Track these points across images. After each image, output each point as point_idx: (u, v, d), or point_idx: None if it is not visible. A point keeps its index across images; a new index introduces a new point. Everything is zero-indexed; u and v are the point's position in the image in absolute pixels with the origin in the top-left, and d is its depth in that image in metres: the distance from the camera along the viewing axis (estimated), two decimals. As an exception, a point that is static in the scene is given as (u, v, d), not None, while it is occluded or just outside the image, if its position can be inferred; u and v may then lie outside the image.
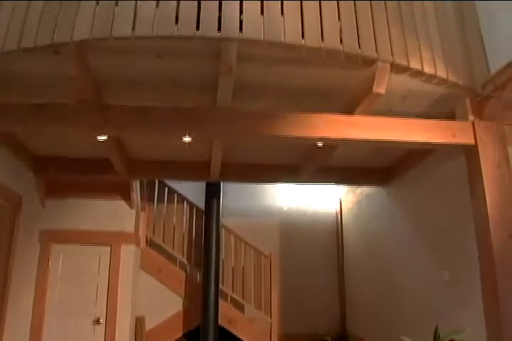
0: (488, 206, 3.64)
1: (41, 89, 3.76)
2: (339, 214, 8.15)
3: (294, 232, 8.20)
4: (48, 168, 5.48)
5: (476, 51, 4.01)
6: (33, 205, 5.75)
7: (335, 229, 8.23)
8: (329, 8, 3.55)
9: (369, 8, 3.68)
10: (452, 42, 3.94)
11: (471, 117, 3.93)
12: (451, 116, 4.08)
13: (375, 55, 3.52)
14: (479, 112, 3.96)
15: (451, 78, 3.78)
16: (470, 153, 3.90)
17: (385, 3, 3.74)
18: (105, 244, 6.23)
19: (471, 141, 3.85)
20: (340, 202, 8.18)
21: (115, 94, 3.88)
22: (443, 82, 3.78)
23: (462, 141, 3.86)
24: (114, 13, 3.31)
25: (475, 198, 3.82)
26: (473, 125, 3.89)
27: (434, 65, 3.73)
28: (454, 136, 3.87)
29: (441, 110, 4.13)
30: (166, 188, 7.56)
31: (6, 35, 3.36)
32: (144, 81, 3.71)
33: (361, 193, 7.13)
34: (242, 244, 7.48)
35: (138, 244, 6.71)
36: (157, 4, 3.32)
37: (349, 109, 3.87)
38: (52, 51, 3.32)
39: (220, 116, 3.74)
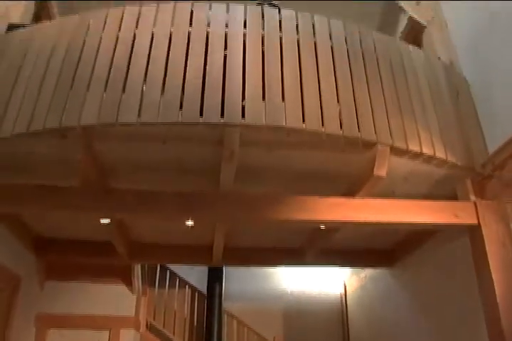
0: (495, 287, 3.56)
1: (46, 172, 3.82)
2: (344, 297, 7.98)
3: (299, 315, 8.02)
4: (49, 249, 5.44)
5: (473, 130, 4.10)
6: (31, 287, 5.66)
7: (340, 312, 8.03)
8: (328, 92, 3.66)
9: (367, 91, 3.80)
10: (449, 122, 4.04)
11: (472, 197, 3.94)
12: (453, 196, 4.09)
13: (375, 139, 3.59)
14: (480, 192, 3.98)
15: (450, 159, 3.84)
16: (473, 233, 3.88)
17: (381, 86, 3.87)
18: (104, 329, 6.07)
19: (473, 221, 3.84)
20: (345, 285, 8.03)
21: (119, 177, 3.92)
22: (442, 163, 3.84)
23: (465, 222, 3.85)
24: (120, 99, 3.42)
25: (481, 278, 3.75)
26: (475, 205, 3.89)
27: (433, 146, 3.80)
28: (456, 217, 3.85)
29: (443, 190, 4.16)
30: (168, 272, 7.48)
31: (17, 119, 3.46)
32: (148, 165, 3.77)
33: (365, 276, 7.02)
34: (245, 329, 7.29)
35: (137, 329, 6.54)
36: (162, 91, 3.44)
37: (351, 192, 3.90)
38: (59, 135, 3.41)
39: (222, 200, 3.77)
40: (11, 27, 4.42)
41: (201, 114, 3.33)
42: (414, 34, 5.48)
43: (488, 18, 4.24)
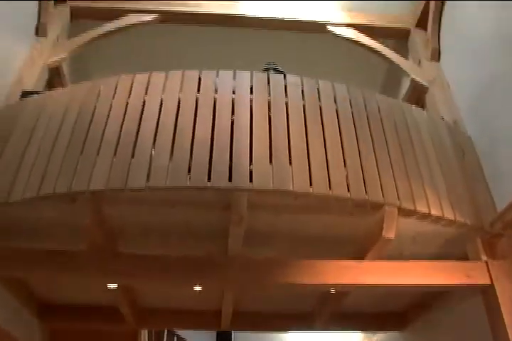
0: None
1: (53, 235, 3.81)
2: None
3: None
4: (53, 313, 5.34)
5: (480, 189, 4.10)
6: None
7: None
8: (335, 155, 3.70)
9: (373, 152, 3.83)
10: (455, 181, 4.04)
11: (483, 256, 3.88)
12: (463, 256, 4.04)
13: (382, 200, 3.59)
14: (491, 250, 3.93)
15: (459, 219, 3.82)
16: (486, 293, 3.80)
17: (387, 148, 3.91)
18: None
19: (486, 281, 3.77)
20: (356, 348, 7.79)
21: (127, 242, 3.92)
22: (451, 223, 3.81)
23: (477, 282, 3.78)
24: (130, 164, 3.47)
25: (497, 339, 3.65)
26: (487, 264, 3.84)
27: (441, 206, 3.79)
28: (468, 277, 3.79)
29: (453, 250, 4.11)
30: (175, 337, 7.33)
31: (27, 183, 3.51)
32: (155, 229, 3.77)
33: (377, 339, 6.82)
34: None
35: None
36: (171, 156, 3.49)
37: (360, 254, 3.86)
38: (68, 199, 3.44)
39: (231, 265, 3.74)
40: (25, 93, 4.55)
41: (209, 178, 3.36)
42: (417, 95, 5.58)
43: (488, 76, 4.34)
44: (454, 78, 5.12)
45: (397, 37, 6.08)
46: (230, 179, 3.36)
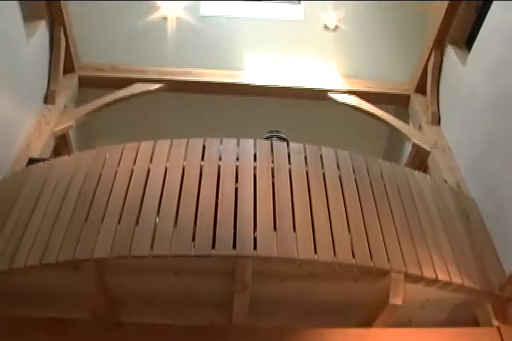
0: None
1: (55, 303, 3.74)
2: None
3: None
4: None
5: (487, 252, 4.05)
6: None
7: None
8: (339, 222, 3.69)
9: (377, 218, 3.83)
10: (462, 245, 3.99)
11: (495, 321, 3.78)
12: (474, 321, 3.93)
13: (388, 266, 3.55)
14: (503, 315, 3.81)
15: (467, 283, 3.74)
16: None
17: (391, 213, 3.91)
18: None
19: (497, 346, 3.67)
20: None
21: (130, 309, 3.83)
22: (459, 288, 3.74)
23: (489, 347, 3.68)
24: (134, 231, 3.47)
25: None
26: (499, 330, 3.72)
27: (448, 271, 3.72)
28: (479, 343, 3.70)
29: (463, 315, 3.99)
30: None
31: (31, 250, 3.49)
32: (159, 297, 3.72)
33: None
34: None
35: None
36: (175, 223, 3.50)
37: (367, 322, 3.77)
38: (71, 267, 3.42)
39: (236, 334, 3.64)
40: (32, 161, 4.63)
41: (213, 246, 3.35)
42: (420, 159, 5.65)
43: (488, 138, 4.41)
44: (455, 141, 5.20)
45: (397, 102, 6.25)
46: (234, 246, 3.34)
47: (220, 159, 3.92)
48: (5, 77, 4.45)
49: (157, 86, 5.91)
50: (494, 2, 4.59)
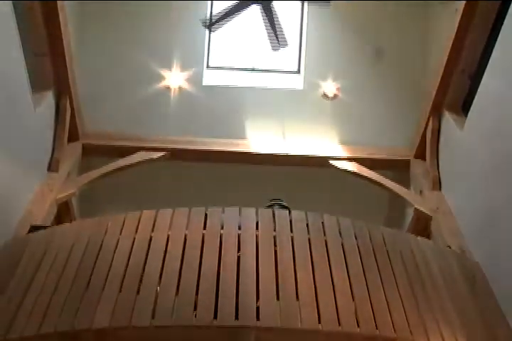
0: None
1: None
2: None
3: None
4: None
5: (495, 316, 3.94)
6: None
7: None
8: (343, 289, 3.63)
9: (381, 285, 3.77)
10: (469, 311, 3.89)
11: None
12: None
13: (394, 335, 3.46)
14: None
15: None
16: None
17: (395, 280, 3.86)
18: None
19: None
20: None
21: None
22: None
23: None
24: (135, 301, 3.41)
25: None
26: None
27: (456, 339, 3.63)
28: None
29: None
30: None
31: (28, 319, 3.40)
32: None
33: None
34: None
35: None
36: (176, 292, 3.46)
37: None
38: (70, 337, 3.34)
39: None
40: (33, 228, 4.62)
41: (215, 316, 3.29)
42: (422, 224, 5.62)
43: (490, 201, 4.42)
44: (457, 205, 5.20)
45: (397, 168, 6.32)
46: (236, 317, 3.28)
47: (222, 228, 3.93)
48: (10, 145, 4.52)
49: (160, 154, 6.01)
50: (487, 69, 4.74)
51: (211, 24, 5.33)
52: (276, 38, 5.32)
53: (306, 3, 6.60)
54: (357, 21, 6.60)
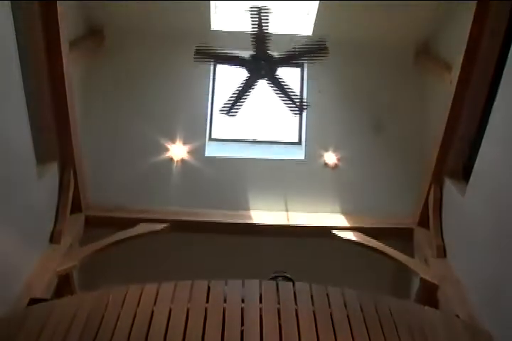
0: None
1: None
2: None
3: None
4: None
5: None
6: None
7: None
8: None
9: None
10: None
11: None
12: None
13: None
14: None
15: None
16: None
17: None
18: None
19: None
20: None
21: None
22: None
23: None
24: None
25: None
26: None
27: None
28: None
29: None
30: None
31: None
32: None
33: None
34: None
35: None
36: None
37: None
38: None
39: None
40: (33, 301, 4.54)
41: None
42: (429, 293, 5.52)
43: (498, 267, 4.32)
44: (464, 273, 5.12)
45: (401, 236, 6.28)
46: None
47: (225, 301, 3.87)
48: (13, 216, 4.53)
49: (162, 226, 6.02)
50: (485, 136, 4.81)
51: (229, 110, 5.44)
52: (293, 102, 5.41)
53: (305, 71, 6.82)
54: (356, 92, 6.77)
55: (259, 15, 4.73)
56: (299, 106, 5.41)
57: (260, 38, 4.90)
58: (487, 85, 5.15)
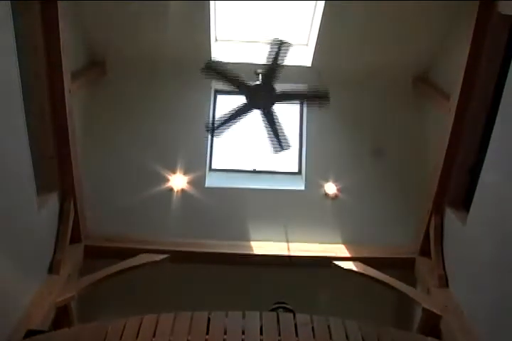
0: None
1: None
2: None
3: None
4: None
5: None
6: None
7: None
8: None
9: None
10: None
11: None
12: None
13: None
14: None
15: None
16: None
17: None
18: None
19: None
20: None
21: None
22: None
23: None
24: None
25: None
26: None
27: None
28: None
29: None
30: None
31: None
32: None
33: None
34: None
35: None
36: None
37: None
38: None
39: None
40: (30, 333, 4.47)
41: None
42: (432, 324, 5.44)
43: (501, 297, 4.29)
44: (467, 302, 5.07)
45: (402, 266, 6.24)
46: None
47: (226, 333, 3.84)
48: (11, 246, 4.50)
49: (162, 257, 5.98)
50: (484, 164, 4.82)
51: (213, 129, 5.44)
52: (278, 140, 5.42)
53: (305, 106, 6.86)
54: (355, 122, 6.80)
55: (279, 49, 4.78)
56: (281, 145, 5.42)
57: (272, 70, 4.94)
58: (485, 113, 5.19)
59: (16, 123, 4.49)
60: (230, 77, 4.98)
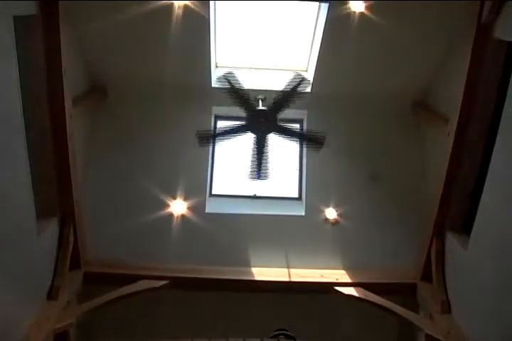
0: None
1: None
2: None
3: None
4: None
5: None
6: None
7: None
8: None
9: None
10: None
11: None
12: None
13: None
14: None
15: None
16: None
17: None
18: None
19: None
20: None
21: None
22: None
23: None
24: None
25: None
26: None
27: None
28: None
29: None
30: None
31: None
32: None
33: None
34: None
35: None
36: None
37: None
38: None
39: None
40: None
41: None
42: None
43: (505, 321, 4.23)
44: (470, 328, 5.03)
45: (404, 291, 6.20)
46: None
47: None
48: (11, 271, 4.47)
49: (162, 283, 5.94)
50: (485, 188, 4.82)
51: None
52: (259, 169, 5.40)
53: (304, 126, 6.88)
54: (355, 147, 6.82)
55: (298, 84, 4.84)
56: (260, 173, 5.40)
57: (282, 101, 4.99)
58: (485, 136, 5.21)
59: (16, 147, 4.50)
60: (241, 93, 5.01)
